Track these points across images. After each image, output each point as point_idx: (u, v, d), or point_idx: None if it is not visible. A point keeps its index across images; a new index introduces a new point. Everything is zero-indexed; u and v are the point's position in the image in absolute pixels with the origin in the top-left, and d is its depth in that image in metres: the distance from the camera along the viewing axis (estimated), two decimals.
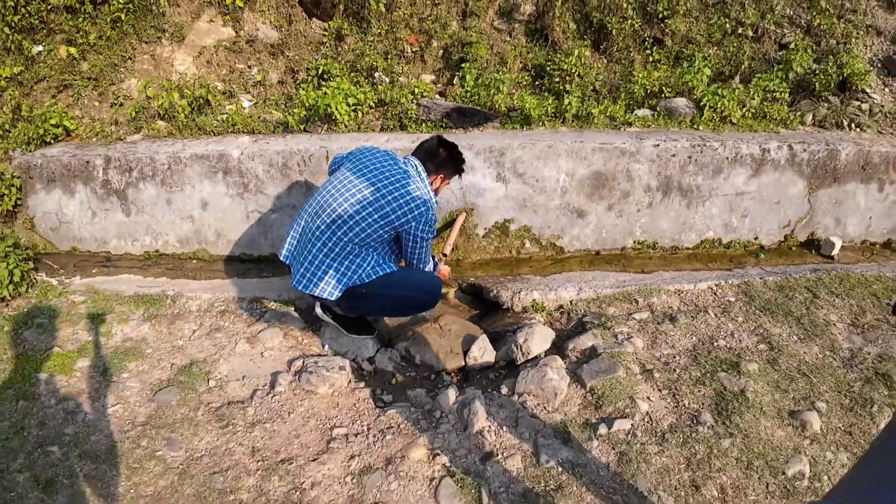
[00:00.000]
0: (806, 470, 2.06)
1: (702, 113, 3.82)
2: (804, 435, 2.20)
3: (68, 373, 2.46)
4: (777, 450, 2.13)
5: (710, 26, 4.37)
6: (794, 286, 3.19)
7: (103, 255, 3.60)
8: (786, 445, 2.15)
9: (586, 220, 3.49)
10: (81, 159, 3.44)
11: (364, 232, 2.42)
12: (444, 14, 4.38)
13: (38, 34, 4.22)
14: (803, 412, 2.28)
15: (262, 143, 3.48)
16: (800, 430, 2.22)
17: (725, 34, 4.35)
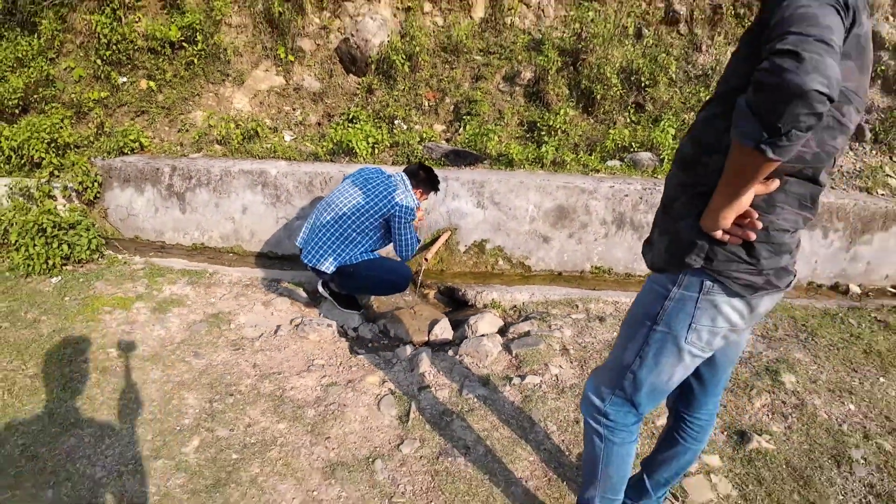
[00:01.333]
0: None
1: (663, 165, 4.75)
2: None
3: (128, 308, 3.50)
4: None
5: (688, 95, 5.36)
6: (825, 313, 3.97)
7: (159, 244, 4.71)
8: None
9: (551, 245, 4.40)
10: (153, 166, 4.63)
11: (359, 221, 3.43)
12: (458, 76, 5.53)
13: (124, 68, 5.56)
14: None
15: (295, 166, 4.58)
16: None
17: (701, 101, 5.32)
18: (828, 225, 4.58)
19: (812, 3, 1.15)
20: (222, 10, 5.52)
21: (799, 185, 1.41)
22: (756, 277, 1.46)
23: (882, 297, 4.65)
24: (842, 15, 1.18)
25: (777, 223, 1.43)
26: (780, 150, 1.15)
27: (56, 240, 4.11)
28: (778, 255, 1.46)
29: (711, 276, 1.48)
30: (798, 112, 1.08)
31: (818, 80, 1.05)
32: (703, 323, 1.53)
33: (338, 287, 3.71)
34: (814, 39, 1.09)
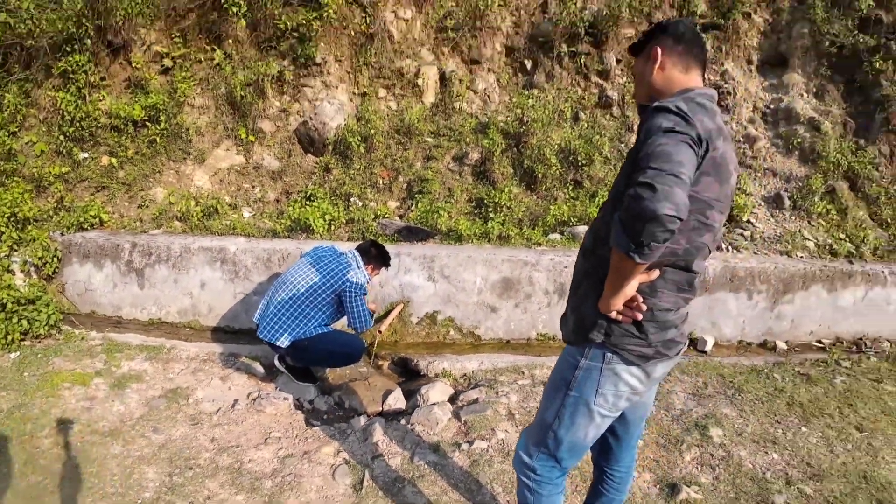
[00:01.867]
0: None
1: None
2: None
3: (86, 384, 3.58)
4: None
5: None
6: None
7: (116, 319, 4.79)
8: None
9: (498, 315, 4.69)
10: (113, 242, 4.77)
11: (313, 297, 3.65)
12: (411, 157, 5.92)
13: (86, 144, 5.75)
14: None
15: (254, 243, 4.80)
16: None
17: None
18: (752, 287, 5.03)
19: (669, 142, 1.50)
20: (186, 92, 5.83)
21: (675, 274, 1.76)
22: (647, 349, 1.78)
23: (807, 352, 5.09)
24: (694, 148, 1.53)
25: (660, 305, 1.76)
26: (644, 256, 1.49)
27: (16, 315, 4.18)
28: (664, 331, 1.79)
29: (611, 348, 1.79)
30: (654, 230, 1.42)
31: (667, 206, 1.39)
32: (608, 388, 1.83)
33: (293, 360, 3.88)
34: (666, 174, 1.43)
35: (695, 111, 1.58)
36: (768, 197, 6.16)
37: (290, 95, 6.09)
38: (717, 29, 6.98)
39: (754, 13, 7.11)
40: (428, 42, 6.56)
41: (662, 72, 1.83)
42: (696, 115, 1.57)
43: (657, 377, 1.90)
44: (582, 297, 1.87)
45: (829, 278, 5.18)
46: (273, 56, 6.15)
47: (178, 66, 6.01)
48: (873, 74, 6.56)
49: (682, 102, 1.60)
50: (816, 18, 6.82)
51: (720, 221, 1.75)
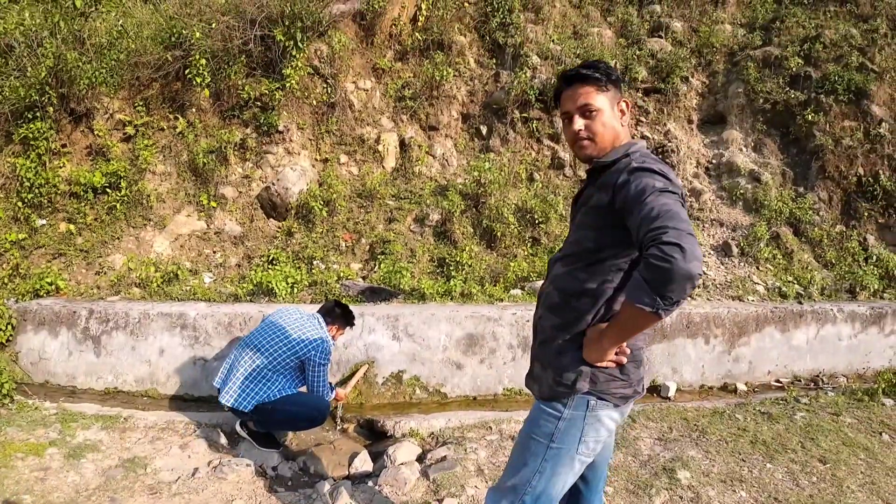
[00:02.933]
0: None
1: None
2: None
3: (40, 455, 3.41)
4: None
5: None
6: None
7: (70, 389, 4.60)
8: None
9: (464, 371, 4.70)
10: (70, 309, 4.64)
11: (276, 362, 3.62)
12: (373, 219, 6.01)
13: (45, 210, 5.66)
14: None
15: (215, 307, 4.74)
16: None
17: None
18: (707, 332, 5.18)
19: (670, 200, 1.58)
20: (148, 160, 5.85)
21: None
22: (628, 389, 1.85)
23: (767, 391, 5.23)
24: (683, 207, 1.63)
25: (636, 345, 1.86)
26: (669, 311, 1.54)
27: None
28: (639, 368, 1.87)
29: (596, 395, 1.82)
30: (686, 287, 1.48)
31: (697, 265, 1.46)
32: (591, 436, 1.86)
33: (256, 425, 3.80)
34: (686, 234, 1.48)
35: (668, 173, 1.69)
36: (717, 246, 6.43)
37: (253, 162, 6.17)
38: (658, 92, 7.44)
39: (692, 76, 7.63)
40: (387, 110, 6.79)
41: (624, 128, 1.89)
42: (671, 175, 1.68)
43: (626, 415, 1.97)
44: (557, 351, 1.89)
45: (782, 319, 5.40)
46: (236, 124, 6.27)
47: (140, 133, 6.06)
48: (806, 126, 7.08)
49: (658, 163, 1.71)
50: (750, 79, 7.36)
51: None
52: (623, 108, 1.91)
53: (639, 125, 7.22)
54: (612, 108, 1.87)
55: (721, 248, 6.44)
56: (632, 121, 1.97)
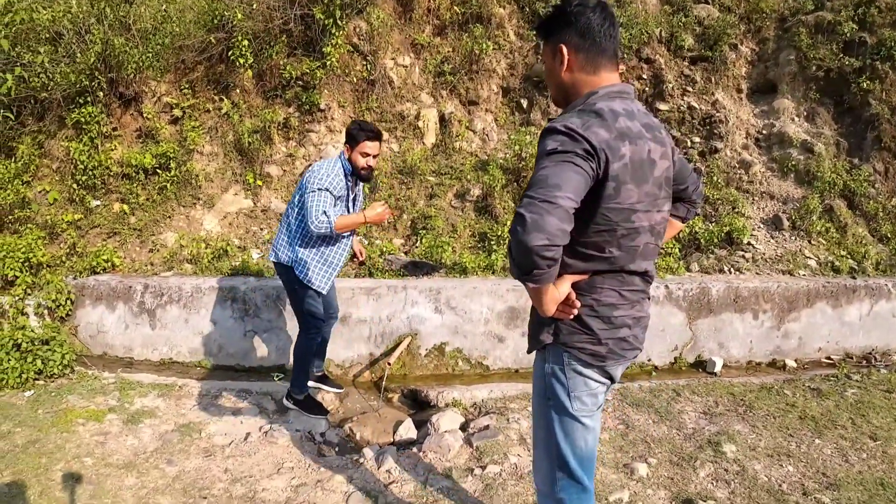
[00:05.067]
0: (625, 497, 3.04)
1: None
2: (631, 478, 3.20)
3: (100, 420, 3.60)
4: (607, 486, 3.12)
5: None
6: (664, 389, 4.32)
7: (127, 360, 4.82)
8: (614, 483, 3.14)
9: (506, 344, 4.72)
10: (126, 284, 4.85)
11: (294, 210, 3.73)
12: (414, 195, 6.05)
13: (98, 192, 5.88)
14: (634, 463, 3.30)
15: (264, 281, 4.87)
16: (629, 474, 3.23)
17: None
18: (756, 307, 5.07)
19: (548, 165, 1.53)
20: (195, 141, 6.01)
21: (613, 275, 1.76)
22: (598, 347, 1.77)
23: (817, 368, 5.10)
24: (582, 166, 1.53)
25: (602, 300, 1.76)
26: (535, 280, 1.54)
27: (30, 355, 4.24)
28: (614, 328, 1.78)
29: (564, 348, 1.79)
30: (531, 260, 1.47)
31: (538, 237, 1.44)
32: (580, 390, 1.80)
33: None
34: (538, 201, 1.46)
35: (588, 124, 1.57)
36: (767, 219, 6.25)
37: (296, 141, 6.27)
38: (706, 61, 7.21)
39: (741, 44, 7.36)
40: (427, 86, 6.79)
41: (571, 74, 1.75)
42: (588, 128, 1.57)
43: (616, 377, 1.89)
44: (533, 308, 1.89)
45: (834, 294, 5.23)
46: (279, 104, 6.36)
47: (187, 115, 6.22)
48: (861, 95, 6.76)
49: (575, 116, 1.62)
50: (802, 45, 7.06)
51: (651, 220, 1.75)
52: (559, 54, 1.76)
53: (685, 95, 7.02)
54: (553, 59, 1.79)
55: (771, 221, 6.25)
56: (574, 60, 1.74)
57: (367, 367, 4.69)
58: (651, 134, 1.71)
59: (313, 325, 3.83)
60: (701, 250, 5.78)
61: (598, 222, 1.65)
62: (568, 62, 1.73)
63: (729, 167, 6.68)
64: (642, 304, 1.86)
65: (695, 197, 2.07)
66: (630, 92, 1.74)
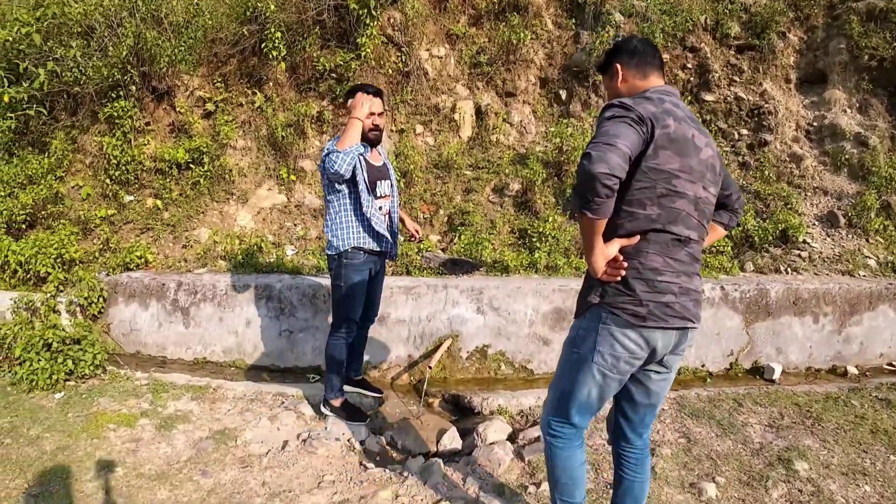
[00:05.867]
0: None
1: None
2: (700, 499, 2.89)
3: (132, 426, 3.38)
4: None
5: None
6: (724, 399, 3.98)
7: (161, 359, 4.62)
8: None
9: (551, 347, 4.41)
10: (159, 281, 4.64)
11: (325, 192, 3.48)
12: (451, 190, 5.75)
13: (132, 187, 5.69)
14: (702, 483, 2.99)
15: (299, 279, 4.62)
16: (696, 495, 2.91)
17: None
18: (816, 310, 4.69)
19: (607, 123, 1.80)
20: (228, 135, 5.78)
21: (656, 236, 1.94)
22: (639, 308, 1.92)
23: (880, 376, 4.71)
24: (634, 125, 1.79)
25: (647, 264, 1.94)
26: (594, 210, 1.76)
27: (61, 355, 4.04)
28: (657, 292, 1.93)
29: (606, 308, 1.97)
30: (594, 186, 1.71)
31: (601, 166, 1.69)
32: (605, 347, 1.98)
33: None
34: (602, 143, 1.72)
35: (638, 102, 1.86)
36: (821, 216, 5.84)
37: (330, 134, 6.01)
38: (753, 49, 6.79)
39: (788, 32, 6.91)
40: (462, 77, 6.48)
41: (625, 83, 2.10)
42: (638, 104, 1.84)
43: (659, 349, 1.99)
44: (585, 275, 2.13)
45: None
46: (312, 97, 6.11)
47: (220, 109, 6.00)
48: None
49: (626, 98, 1.88)
50: (853, 33, 6.60)
51: (696, 192, 1.96)
52: (615, 71, 2.13)
53: (732, 85, 6.61)
54: (612, 80, 2.15)
55: (826, 218, 5.82)
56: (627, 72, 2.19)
57: (406, 370, 4.42)
58: (695, 125, 1.98)
59: (344, 325, 3.57)
60: (755, 248, 5.39)
61: (640, 179, 1.88)
62: (622, 75, 2.10)
63: (779, 161, 6.26)
64: (690, 277, 2.01)
65: (737, 206, 2.28)
66: (673, 92, 2.04)
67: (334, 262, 3.48)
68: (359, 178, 3.34)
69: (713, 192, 2.03)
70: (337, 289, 3.51)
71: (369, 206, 3.40)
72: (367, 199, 3.38)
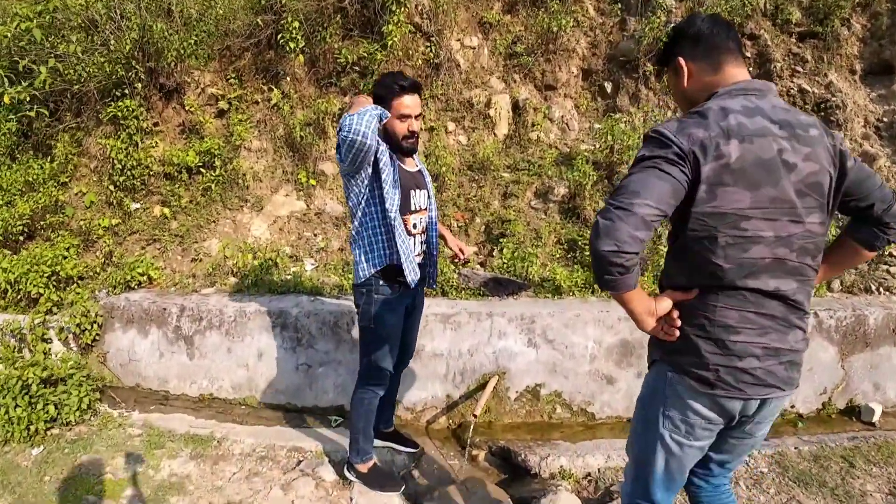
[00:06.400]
0: None
1: None
2: None
3: (115, 499, 2.55)
4: None
5: None
6: (830, 455, 3.06)
7: (162, 394, 3.80)
8: None
9: (616, 387, 3.50)
10: (160, 306, 3.80)
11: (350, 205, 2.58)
12: (487, 195, 4.84)
13: (138, 193, 4.85)
14: None
15: (318, 304, 3.76)
16: None
17: None
18: None
19: (634, 172, 1.41)
20: (242, 135, 4.93)
21: (732, 292, 1.47)
22: (705, 373, 1.50)
23: None
24: (670, 170, 1.38)
25: (716, 320, 1.48)
26: (610, 287, 1.42)
27: (42, 400, 3.25)
28: (731, 355, 1.48)
29: (670, 366, 1.57)
30: (603, 265, 1.36)
31: (607, 243, 1.33)
32: (674, 412, 1.57)
33: None
34: (613, 207, 1.35)
35: (683, 127, 1.42)
36: None
37: None
38: (816, 37, 5.76)
39: (852, 19, 5.87)
40: (497, 70, 5.54)
41: (692, 81, 1.60)
42: (681, 131, 1.41)
43: (738, 417, 1.55)
44: None
45: None
46: (333, 93, 5.21)
47: (233, 108, 5.14)
48: None
49: (673, 122, 1.46)
50: None
51: (782, 230, 1.44)
52: (678, 66, 1.62)
53: (794, 76, 5.59)
54: (676, 77, 1.64)
55: None
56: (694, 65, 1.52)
57: (444, 412, 3.54)
58: (787, 132, 1.44)
59: (375, 377, 2.70)
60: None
61: (694, 228, 1.44)
62: (688, 70, 1.60)
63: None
64: (784, 334, 1.52)
65: (887, 218, 1.59)
66: (759, 88, 1.50)
67: (362, 297, 2.60)
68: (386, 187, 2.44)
69: (818, 220, 1.47)
70: (366, 331, 2.64)
71: (397, 225, 2.50)
72: (393, 215, 2.48)
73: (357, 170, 2.40)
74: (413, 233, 2.62)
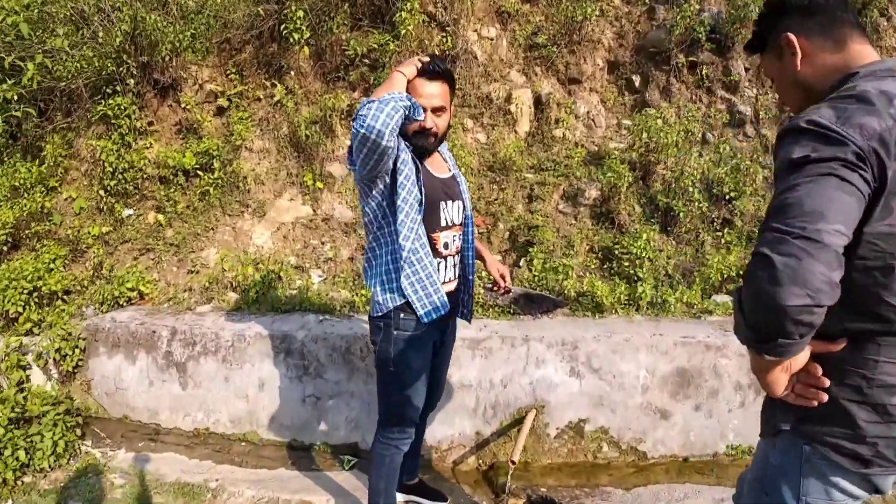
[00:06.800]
0: None
1: None
2: None
3: None
4: None
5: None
6: None
7: (153, 427, 3.21)
8: None
9: (671, 422, 2.90)
10: (149, 328, 3.21)
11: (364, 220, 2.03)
12: (510, 198, 4.23)
13: (131, 199, 4.28)
14: None
15: (327, 326, 3.16)
16: None
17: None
18: None
19: (801, 182, 0.94)
20: (243, 135, 4.33)
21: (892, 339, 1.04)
22: (860, 447, 1.09)
23: None
24: (849, 178, 0.92)
25: (877, 380, 1.06)
26: (777, 353, 0.98)
27: (10, 444, 2.66)
28: (890, 423, 1.06)
29: (807, 438, 1.14)
30: (780, 324, 0.91)
31: (794, 294, 0.88)
32: (815, 496, 1.15)
33: None
34: (792, 238, 0.90)
35: (848, 115, 0.96)
36: None
37: None
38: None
39: (888, 9, 5.25)
40: (517, 62, 4.91)
41: (810, 61, 1.14)
42: (848, 121, 0.95)
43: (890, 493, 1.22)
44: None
45: None
46: (341, 88, 4.60)
47: (234, 105, 4.53)
48: None
49: (825, 108, 1.00)
50: None
51: None
52: (787, 45, 1.17)
53: None
54: (781, 60, 1.19)
55: None
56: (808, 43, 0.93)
57: (474, 451, 2.95)
58: None
59: (397, 427, 2.11)
60: None
61: (864, 256, 1.00)
62: (802, 49, 1.15)
63: None
64: None
65: None
66: None
67: (379, 333, 2.01)
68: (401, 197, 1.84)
69: None
70: (385, 373, 2.04)
71: (422, 247, 1.91)
72: (418, 235, 1.89)
73: (373, 177, 1.81)
74: (444, 254, 2.03)
